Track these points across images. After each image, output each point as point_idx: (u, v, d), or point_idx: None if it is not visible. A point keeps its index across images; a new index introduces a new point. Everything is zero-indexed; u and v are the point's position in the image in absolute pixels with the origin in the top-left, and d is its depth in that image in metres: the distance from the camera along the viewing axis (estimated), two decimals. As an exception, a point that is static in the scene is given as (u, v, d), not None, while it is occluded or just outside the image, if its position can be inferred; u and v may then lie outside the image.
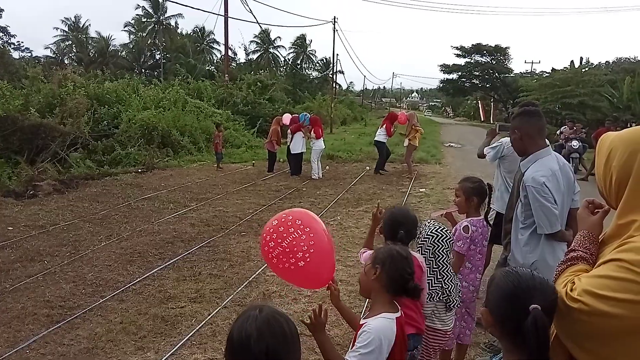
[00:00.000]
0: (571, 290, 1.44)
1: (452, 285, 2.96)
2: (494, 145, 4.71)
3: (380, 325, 1.95)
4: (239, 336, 1.38)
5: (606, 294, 1.35)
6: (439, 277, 2.95)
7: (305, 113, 13.54)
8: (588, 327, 1.40)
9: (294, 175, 12.46)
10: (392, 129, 12.90)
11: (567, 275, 1.54)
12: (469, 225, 3.27)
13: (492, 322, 1.44)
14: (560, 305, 1.43)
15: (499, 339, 1.47)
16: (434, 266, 2.94)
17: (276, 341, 1.37)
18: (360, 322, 2.05)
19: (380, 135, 12.85)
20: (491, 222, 4.64)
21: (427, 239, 2.92)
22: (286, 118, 13.25)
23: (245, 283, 5.26)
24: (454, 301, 2.97)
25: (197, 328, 4.23)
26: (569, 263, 1.58)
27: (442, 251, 2.93)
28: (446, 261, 2.96)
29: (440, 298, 2.95)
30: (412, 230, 2.72)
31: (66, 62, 48.13)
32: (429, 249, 2.92)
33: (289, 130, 12.81)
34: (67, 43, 53.95)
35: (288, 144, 12.83)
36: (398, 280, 2.02)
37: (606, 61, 47.34)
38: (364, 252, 2.72)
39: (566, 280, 1.51)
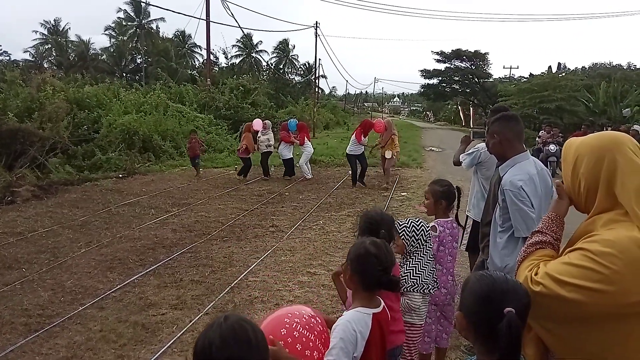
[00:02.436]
0: (535, 274, 1.52)
1: (431, 275, 3.08)
2: (469, 152, 4.65)
3: (352, 318, 1.96)
4: (203, 344, 1.35)
5: (566, 279, 1.44)
6: (420, 268, 3.04)
7: (293, 119, 13.45)
8: (547, 310, 1.48)
9: (287, 177, 12.86)
10: (362, 138, 11.50)
11: (533, 260, 1.61)
12: (437, 226, 3.37)
13: (466, 326, 1.46)
14: (524, 288, 1.48)
15: (473, 342, 1.49)
16: (417, 258, 3.05)
17: (240, 349, 1.34)
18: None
19: (349, 147, 11.70)
20: (468, 230, 4.63)
21: (406, 231, 3.03)
22: (257, 124, 12.88)
23: (227, 289, 5.25)
24: (428, 286, 3.07)
25: (178, 335, 4.20)
26: (537, 246, 1.64)
27: (420, 242, 3.05)
28: (425, 252, 3.07)
29: (423, 290, 3.03)
30: (391, 230, 2.76)
31: (45, 65, 47.38)
32: (409, 240, 3.03)
33: (279, 138, 12.88)
34: (46, 47, 53.06)
35: (272, 149, 12.97)
36: (369, 277, 2.01)
37: (582, 66, 48.41)
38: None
39: (531, 264, 1.58)
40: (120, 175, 12.50)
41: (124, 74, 50.99)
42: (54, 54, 52.75)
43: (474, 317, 1.43)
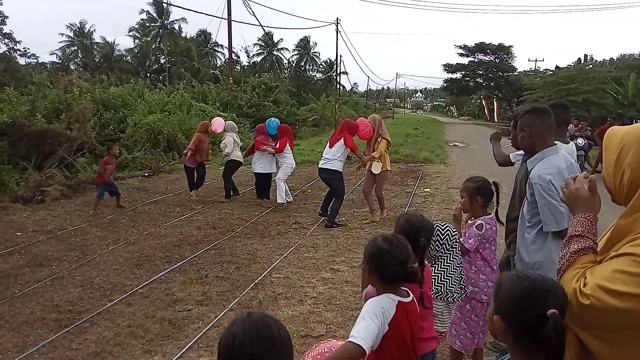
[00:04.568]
0: (584, 285, 1.44)
1: (457, 282, 3.00)
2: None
3: (379, 298, 2.01)
4: (226, 340, 1.38)
5: (619, 289, 1.36)
6: (446, 276, 2.98)
7: (274, 119, 9.76)
8: (601, 321, 1.41)
9: (260, 198, 9.55)
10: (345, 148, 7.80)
11: (578, 268, 1.53)
12: (483, 224, 3.25)
13: (504, 329, 1.41)
14: (572, 300, 1.43)
15: (511, 346, 1.44)
16: (443, 264, 2.98)
17: (262, 345, 1.35)
18: None
19: (333, 161, 7.80)
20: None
21: (439, 237, 2.96)
22: (217, 123, 9.86)
23: (252, 285, 5.28)
24: (456, 294, 3.00)
25: (204, 331, 4.25)
26: (581, 253, 1.56)
27: (445, 248, 2.98)
28: (452, 259, 2.99)
29: (447, 298, 2.97)
30: (430, 237, 2.69)
31: (72, 67, 48.42)
32: (433, 245, 2.95)
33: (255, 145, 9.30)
34: (72, 48, 54.21)
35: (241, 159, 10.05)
36: (387, 273, 2.02)
37: (610, 58, 47.18)
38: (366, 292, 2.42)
39: (578, 274, 1.51)
40: (146, 174, 12.71)
41: (148, 74, 51.76)
42: (80, 56, 53.86)
43: (515, 320, 1.38)
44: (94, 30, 55.67)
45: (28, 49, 49.76)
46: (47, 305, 4.82)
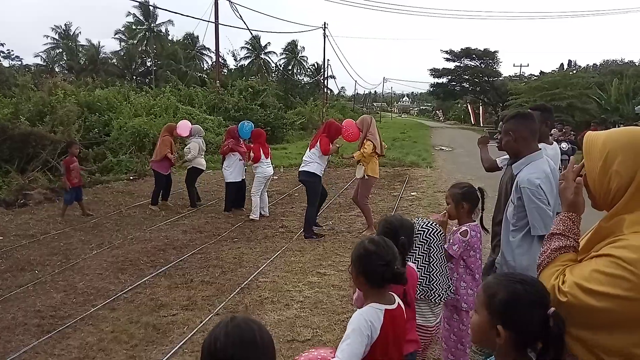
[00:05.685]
0: (562, 283, 1.47)
1: (439, 280, 2.99)
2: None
3: (364, 311, 2.00)
4: (209, 342, 1.39)
5: (596, 288, 1.39)
6: (425, 272, 2.98)
7: (247, 122, 9.04)
8: (576, 319, 1.43)
9: (228, 212, 8.91)
10: (331, 148, 7.44)
11: (558, 265, 1.56)
12: (468, 230, 3.24)
13: (508, 337, 1.39)
14: (551, 297, 1.46)
15: (508, 349, 1.43)
16: (424, 262, 2.99)
17: (244, 348, 1.35)
18: None
19: (312, 164, 7.33)
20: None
21: (420, 234, 2.97)
22: (183, 127, 9.37)
23: (238, 289, 5.25)
24: (439, 296, 2.99)
25: (189, 336, 4.20)
26: (562, 251, 1.59)
27: (435, 245, 2.99)
28: (436, 256, 3.00)
29: (427, 297, 2.96)
30: (411, 236, 2.70)
31: (57, 70, 47.94)
32: (422, 244, 2.97)
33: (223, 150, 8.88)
34: (57, 51, 53.74)
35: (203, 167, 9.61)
36: (374, 274, 2.02)
37: (594, 63, 48.07)
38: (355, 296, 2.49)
39: (557, 271, 1.54)
40: (131, 178, 12.59)
41: (134, 77, 51.50)
42: (65, 58, 53.39)
43: (521, 326, 1.38)
44: (80, 32, 55.34)
45: (12, 50, 49.31)
46: (29, 310, 4.74)
